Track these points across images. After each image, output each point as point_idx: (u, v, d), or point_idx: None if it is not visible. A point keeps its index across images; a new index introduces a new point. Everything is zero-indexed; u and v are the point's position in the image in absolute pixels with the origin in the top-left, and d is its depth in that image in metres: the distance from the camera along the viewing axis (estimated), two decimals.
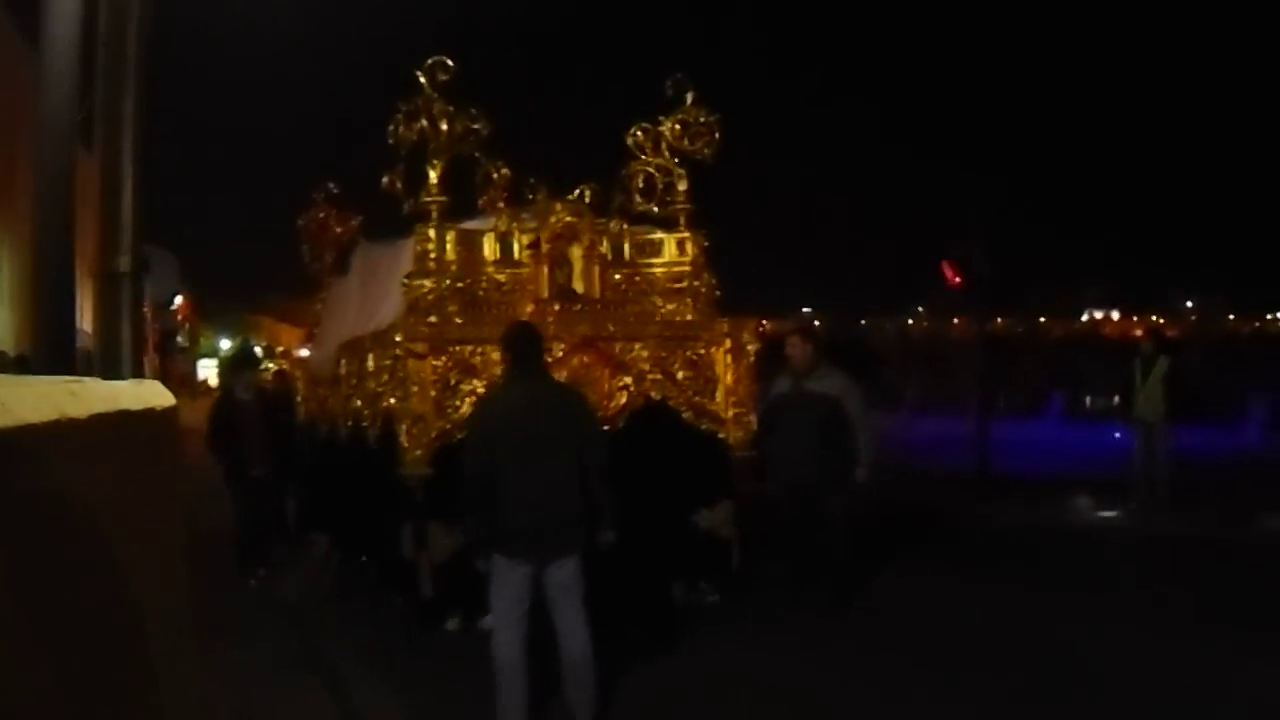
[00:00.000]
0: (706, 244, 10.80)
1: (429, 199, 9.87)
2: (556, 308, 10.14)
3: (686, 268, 10.73)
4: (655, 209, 10.78)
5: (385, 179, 10.03)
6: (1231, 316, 40.20)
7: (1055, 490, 16.59)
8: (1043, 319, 49.95)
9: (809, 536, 10.05)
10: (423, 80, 9.77)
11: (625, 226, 10.64)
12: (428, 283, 9.72)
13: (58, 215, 5.37)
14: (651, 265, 10.74)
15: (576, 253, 10.28)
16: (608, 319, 10.27)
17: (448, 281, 9.78)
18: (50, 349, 5.43)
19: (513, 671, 6.76)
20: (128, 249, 5.02)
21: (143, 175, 5.12)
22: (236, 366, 12.63)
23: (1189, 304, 52.30)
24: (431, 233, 9.83)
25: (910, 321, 48.09)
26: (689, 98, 10.75)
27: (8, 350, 19.33)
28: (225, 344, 64.40)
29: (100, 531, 1.81)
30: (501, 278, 10.11)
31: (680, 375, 10.43)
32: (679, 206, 10.80)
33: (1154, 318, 72.69)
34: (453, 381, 9.56)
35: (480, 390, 9.56)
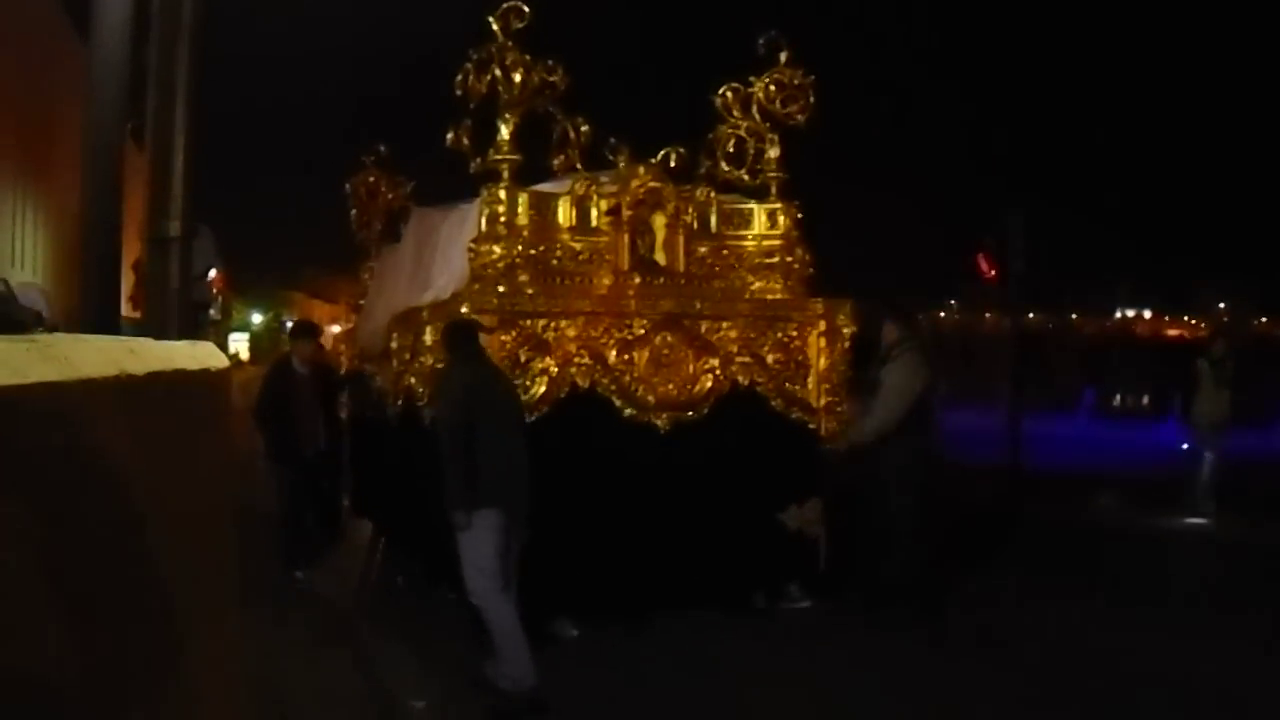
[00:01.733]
0: (800, 216, 9.54)
1: (500, 157, 8.65)
2: (637, 281, 8.92)
3: (778, 241, 9.50)
4: (745, 177, 9.54)
5: (450, 134, 8.79)
6: (1264, 319, 38.88)
7: (1091, 487, 15.50)
8: (1075, 316, 48.71)
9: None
10: (495, 27, 8.55)
11: (712, 194, 9.40)
12: (497, 249, 8.50)
13: (108, 183, 5.14)
14: (740, 238, 9.50)
15: (660, 221, 9.05)
16: (694, 295, 9.06)
17: (519, 248, 8.56)
18: (96, 316, 5.16)
19: (514, 627, 6.95)
20: (178, 214, 4.92)
21: (194, 144, 5.06)
22: (296, 335, 11.34)
23: (1220, 305, 50.95)
24: (503, 194, 8.60)
25: (942, 314, 46.82)
26: (783, 57, 9.50)
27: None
28: (257, 318, 63.45)
29: (155, 487, 1.81)
30: (577, 246, 8.89)
31: (770, 359, 9.21)
32: (770, 174, 9.57)
33: (1185, 317, 71.39)
34: (523, 359, 8.37)
35: (554, 370, 8.38)
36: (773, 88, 9.43)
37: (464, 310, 8.17)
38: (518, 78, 8.55)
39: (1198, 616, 9.10)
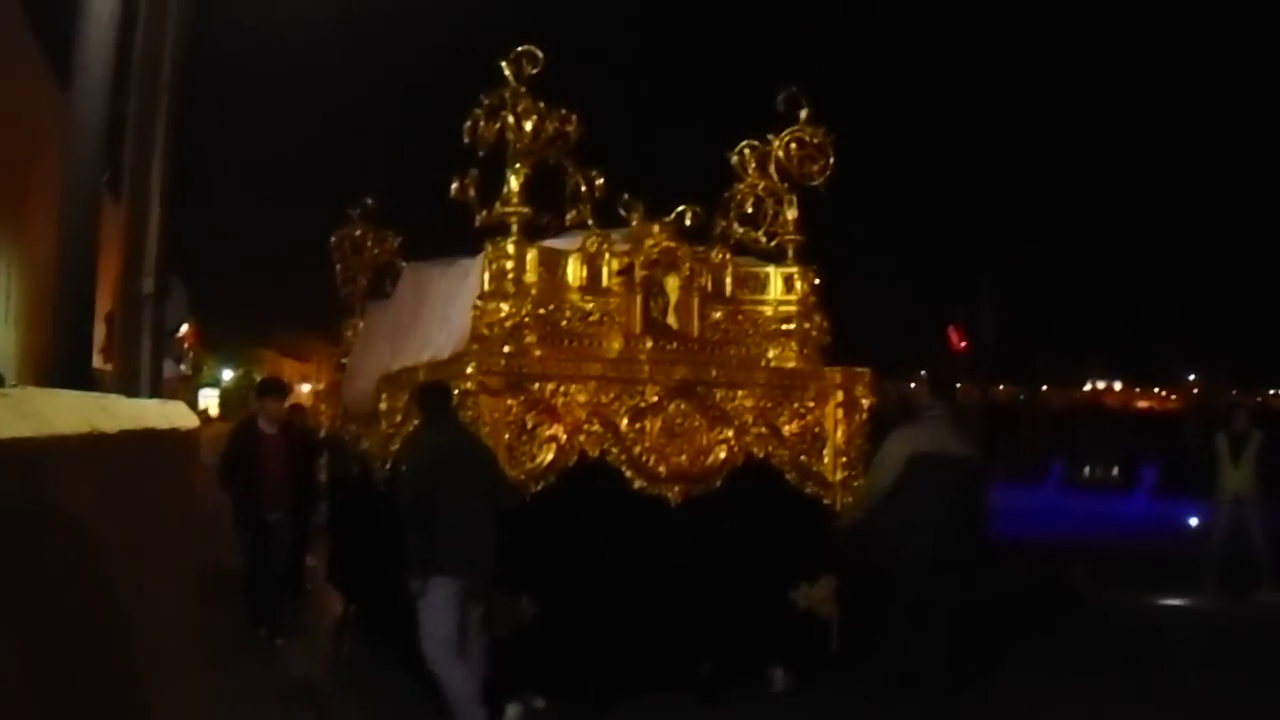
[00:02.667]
0: (817, 281, 8.98)
1: (508, 210, 8.06)
2: (649, 345, 8.31)
3: (794, 307, 8.92)
4: (762, 238, 8.97)
5: (455, 184, 8.20)
6: (1234, 391, 38.64)
7: (1062, 558, 14.57)
8: (1045, 387, 48.39)
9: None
10: (507, 72, 8.00)
11: (728, 256, 8.83)
12: (504, 307, 7.88)
13: (83, 238, 5.02)
14: (756, 303, 8.92)
15: (673, 283, 8.46)
16: (708, 362, 8.46)
17: (527, 307, 7.95)
18: (69, 369, 5.05)
19: (471, 697, 6.83)
20: (151, 271, 4.99)
21: (170, 199, 5.12)
22: (263, 393, 10.61)
23: (1191, 377, 50.87)
24: (511, 248, 8.00)
25: (913, 385, 46.53)
26: (803, 114, 8.97)
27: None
28: (228, 374, 62.46)
29: (122, 545, 1.81)
30: (588, 306, 8.28)
31: (786, 430, 8.60)
32: (788, 237, 9.01)
33: (1156, 389, 71.16)
34: (530, 425, 7.74)
35: (562, 437, 7.75)
36: (793, 145, 8.89)
37: (469, 371, 7.54)
38: (529, 126, 7.99)
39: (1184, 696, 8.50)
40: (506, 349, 7.77)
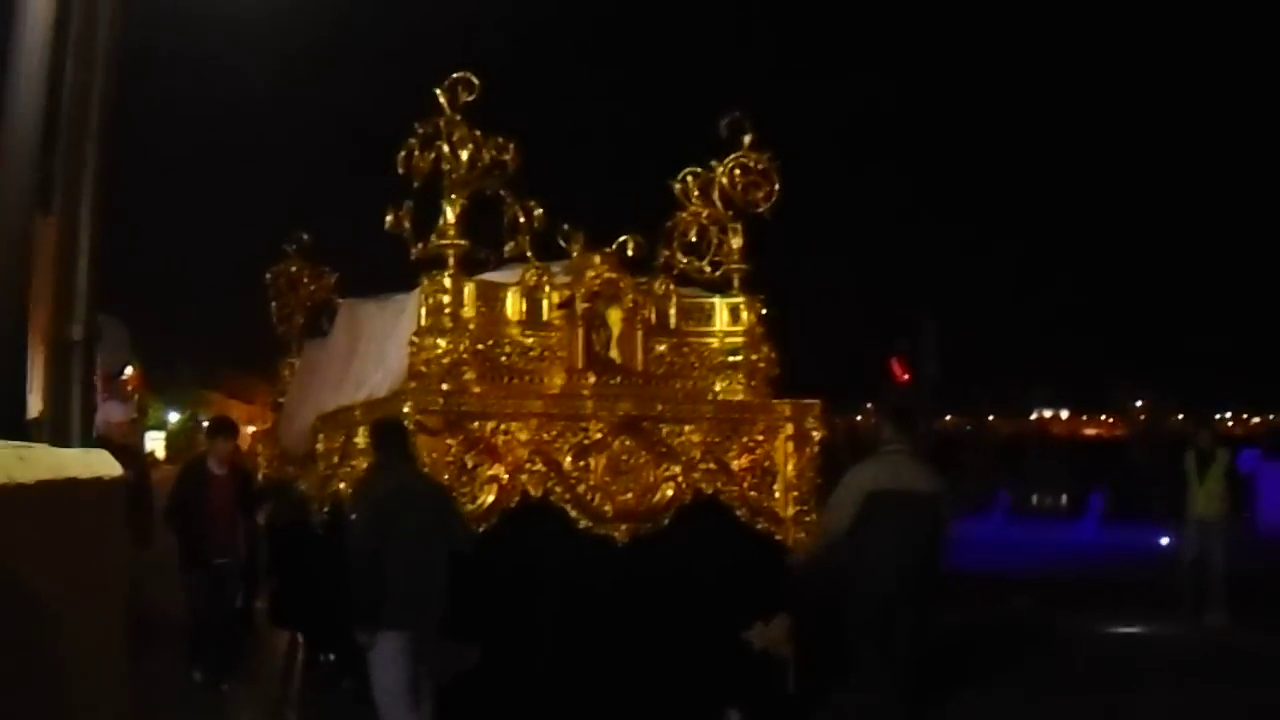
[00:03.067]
0: (764, 311, 8.71)
1: (445, 242, 7.76)
2: (592, 380, 8.01)
3: (741, 339, 8.63)
4: (707, 268, 8.70)
5: (390, 217, 7.88)
6: (1180, 416, 38.72)
7: (1010, 588, 14.00)
8: (991, 417, 48.43)
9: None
10: (442, 100, 7.70)
11: (671, 287, 8.54)
12: (441, 343, 7.55)
13: (13, 281, 4.83)
14: (702, 334, 8.63)
15: (616, 316, 8.17)
16: (653, 396, 8.16)
17: (465, 343, 7.62)
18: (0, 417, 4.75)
19: None
20: (81, 317, 4.76)
21: (100, 245, 4.89)
22: (214, 433, 10.16)
23: (1138, 403, 51.09)
24: (448, 282, 7.69)
25: (859, 418, 46.40)
26: (746, 140, 8.72)
27: None
28: (174, 416, 61.43)
29: (45, 594, 1.81)
30: (528, 341, 7.97)
31: (735, 466, 8.30)
32: (733, 266, 8.73)
33: (1103, 416, 71.35)
34: (470, 464, 7.42)
35: (503, 477, 7.43)
36: (737, 172, 8.63)
37: (405, 410, 7.21)
38: (465, 155, 7.69)
39: None
40: (444, 386, 7.45)
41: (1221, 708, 8.87)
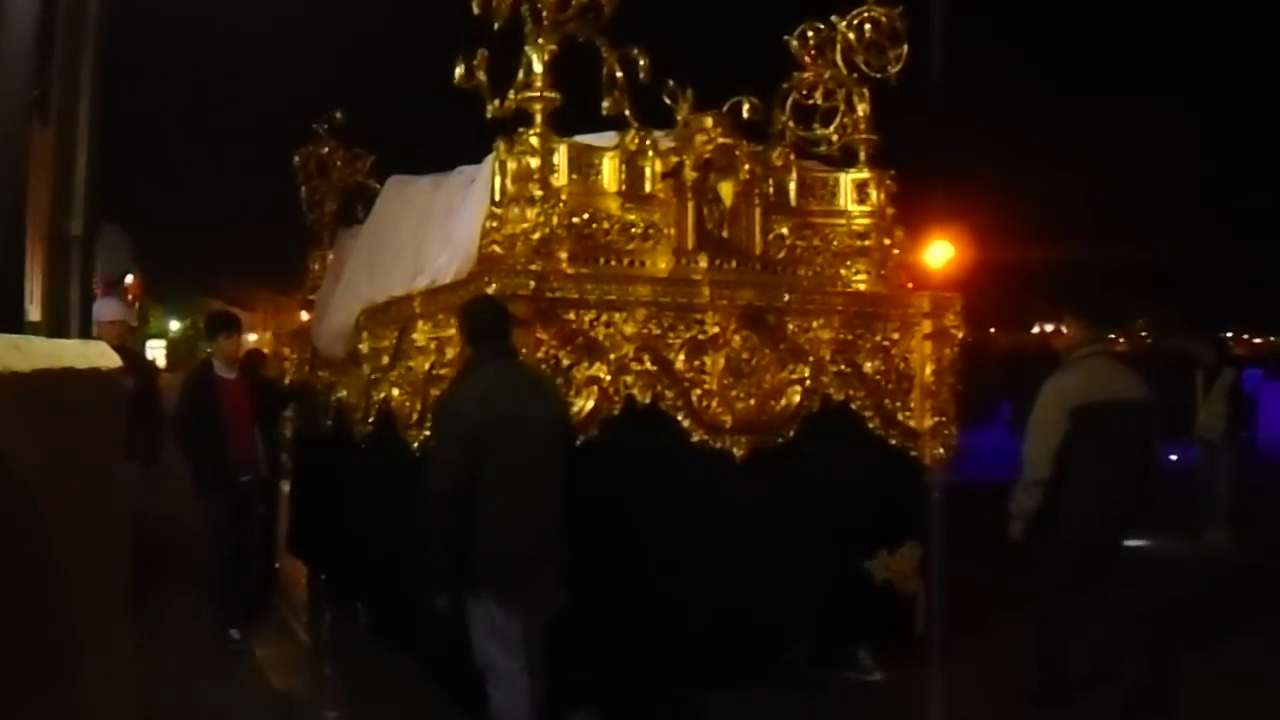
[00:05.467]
0: (895, 189, 7.18)
1: (532, 94, 6.17)
2: (704, 264, 6.48)
3: (869, 220, 7.10)
4: (834, 135, 7.15)
5: (460, 70, 6.27)
6: (1183, 335, 37.49)
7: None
8: (992, 329, 47.02)
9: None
10: None
11: (792, 158, 6.99)
12: (531, 214, 6.00)
13: (8, 178, 4.35)
14: (826, 214, 7.09)
15: (729, 189, 6.62)
16: (777, 284, 6.64)
17: (557, 217, 6.07)
18: None
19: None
20: (80, 213, 4.57)
21: (98, 141, 4.66)
22: (215, 329, 8.52)
23: (1140, 320, 49.74)
24: (535, 141, 6.12)
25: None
26: None
27: None
28: (175, 325, 59.93)
29: (38, 490, 1.74)
30: (630, 217, 6.41)
31: (868, 368, 6.81)
32: (859, 137, 7.18)
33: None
34: (565, 364, 5.90)
35: (605, 379, 5.93)
36: (869, 26, 7.05)
37: (491, 291, 5.67)
38: None
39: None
40: (534, 266, 5.91)
41: (1218, 619, 8.05)
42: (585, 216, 6.22)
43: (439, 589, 4.83)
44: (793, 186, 6.94)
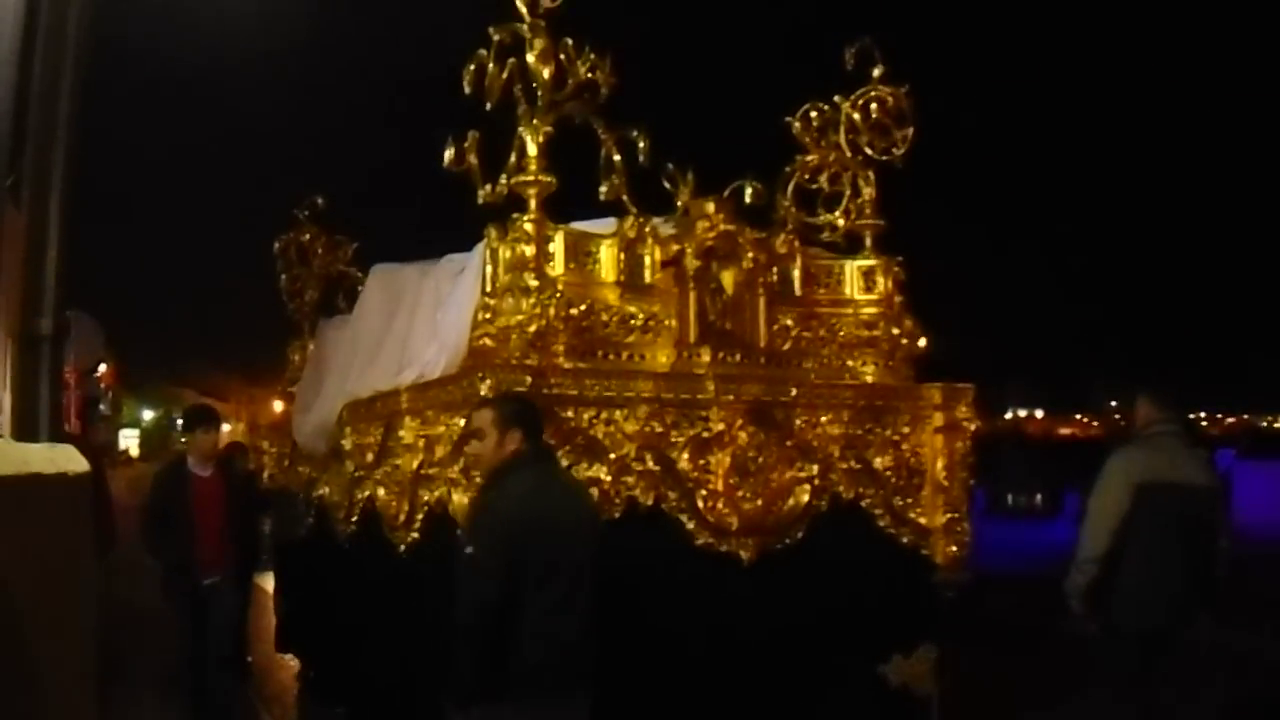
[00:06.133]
0: (903, 277, 6.87)
1: (526, 178, 5.84)
2: (706, 358, 6.12)
3: (876, 309, 6.77)
4: (840, 220, 6.84)
5: (450, 152, 5.94)
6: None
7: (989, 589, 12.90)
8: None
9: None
10: (520, 3, 5.78)
11: (796, 244, 6.67)
12: (525, 305, 5.64)
13: None
14: (832, 303, 6.76)
15: (731, 278, 6.29)
16: (783, 378, 6.27)
17: (553, 308, 5.70)
18: None
19: None
20: (49, 312, 4.47)
21: (68, 239, 4.66)
22: (192, 425, 8.14)
23: (1113, 403, 49.77)
24: (530, 228, 5.77)
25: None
26: (876, 72, 6.88)
27: None
28: (148, 414, 59.21)
29: (7, 595, 1.77)
30: (631, 308, 6.06)
31: (878, 464, 6.44)
32: (865, 222, 6.88)
33: (1077, 415, 69.66)
34: (563, 464, 5.48)
35: (605, 480, 5.54)
36: (874, 106, 6.78)
37: (483, 392, 5.29)
38: (548, 73, 5.79)
39: None
40: (530, 362, 5.54)
41: (1201, 703, 7.39)
42: (583, 308, 5.86)
43: (466, 705, 4.42)
44: (797, 275, 6.61)
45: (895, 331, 6.68)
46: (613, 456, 5.62)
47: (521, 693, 4.38)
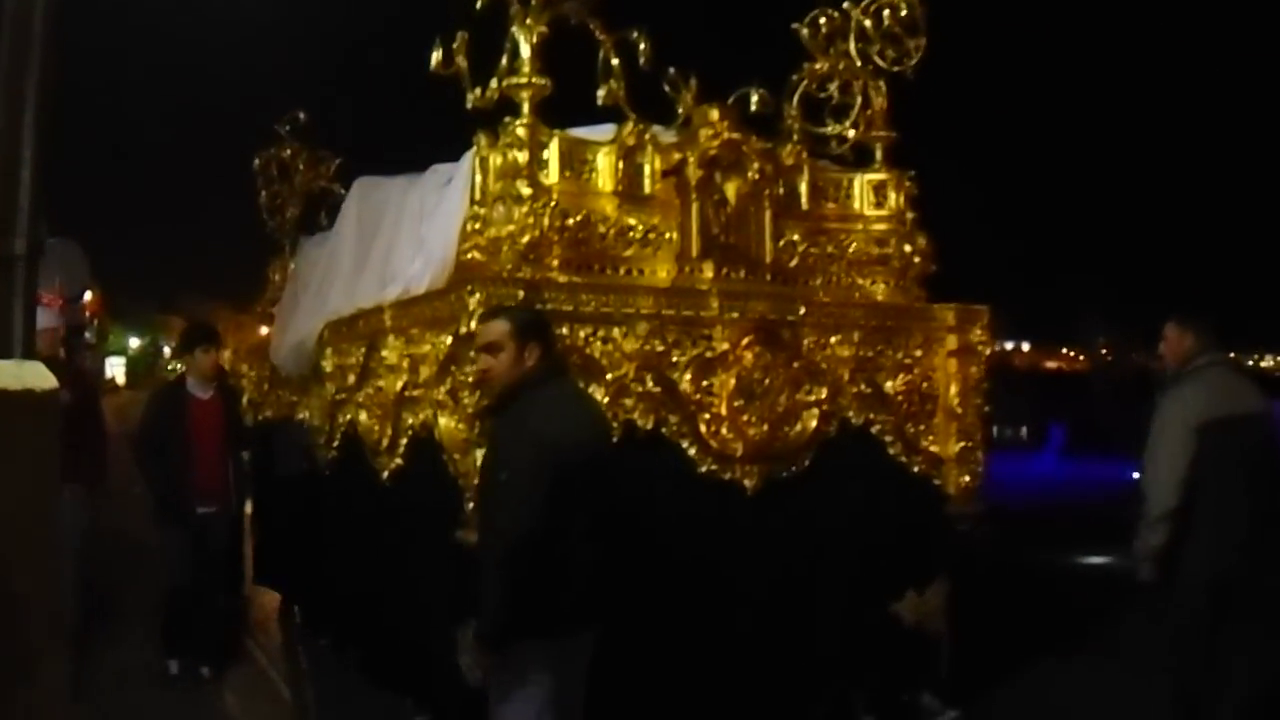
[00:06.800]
0: (914, 192, 6.43)
1: (519, 81, 5.38)
2: (709, 273, 5.70)
3: (887, 225, 6.35)
4: (850, 131, 6.39)
5: (437, 54, 5.47)
6: (1142, 353, 37.27)
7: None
8: None
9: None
10: None
11: (804, 155, 6.23)
12: (519, 213, 5.20)
13: None
14: (841, 218, 6.33)
15: (735, 190, 5.85)
16: (793, 296, 5.86)
17: (548, 218, 5.27)
18: None
19: None
20: (24, 231, 4.06)
21: (43, 157, 4.19)
22: (190, 343, 7.43)
23: (1101, 338, 49.52)
24: (523, 133, 5.32)
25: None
26: None
27: None
28: (134, 342, 58.63)
29: None
30: (630, 220, 5.63)
31: (889, 388, 6.05)
32: (875, 134, 6.43)
33: (1065, 350, 69.42)
34: None
35: (602, 402, 5.15)
36: (885, 13, 6.32)
37: (471, 307, 4.87)
38: None
39: None
40: (523, 275, 5.12)
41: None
42: (579, 219, 5.43)
43: (499, 646, 3.93)
44: (804, 188, 6.18)
45: (907, 249, 6.27)
46: (610, 377, 5.22)
47: (552, 627, 3.97)
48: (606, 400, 5.17)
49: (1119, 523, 11.37)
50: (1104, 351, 46.05)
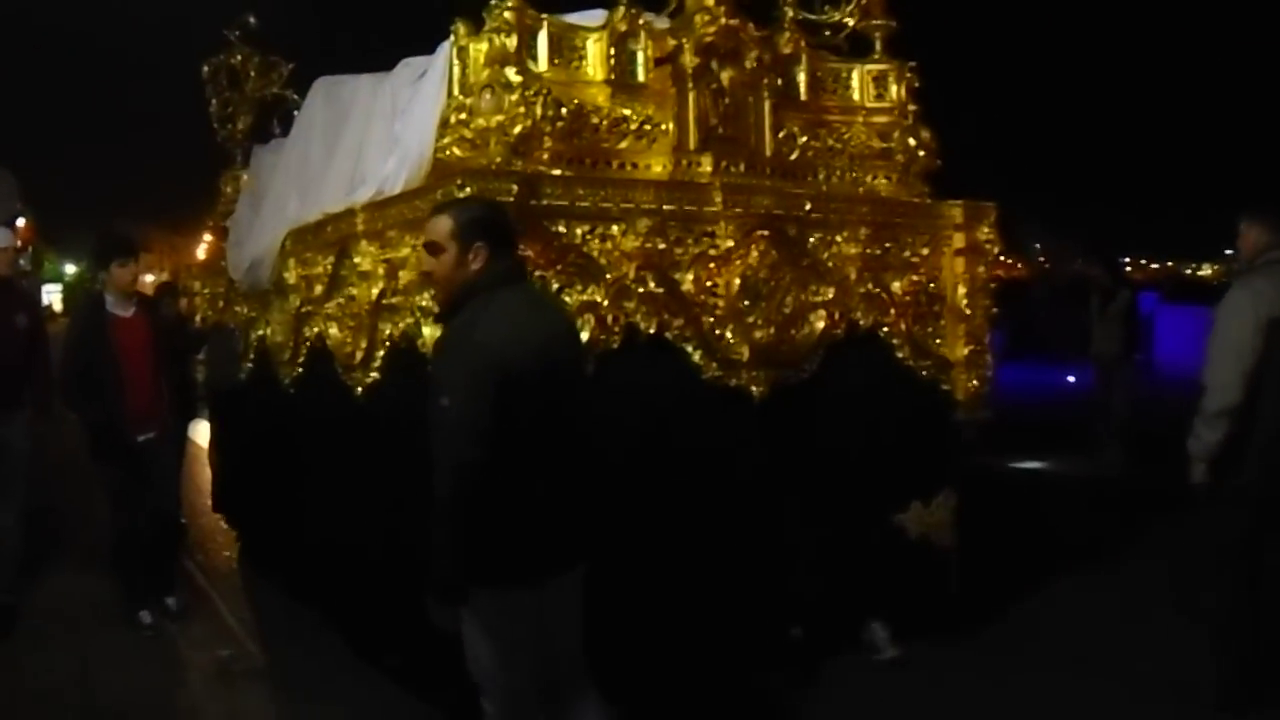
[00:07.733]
0: (917, 84, 6.02)
1: None
2: (708, 166, 5.27)
3: (889, 118, 5.94)
4: (849, 20, 5.95)
5: None
6: (1080, 260, 37.22)
7: None
8: None
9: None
10: None
11: (803, 44, 5.79)
12: (510, 101, 4.73)
13: None
14: (841, 110, 5.91)
15: (734, 79, 5.41)
16: (798, 190, 5.46)
17: (540, 108, 4.81)
18: None
19: None
20: None
21: None
22: (105, 255, 6.72)
23: (1038, 245, 49.45)
24: (511, 16, 4.84)
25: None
26: None
27: None
28: (71, 269, 57.16)
29: None
30: (624, 110, 5.17)
31: (897, 288, 5.68)
32: (875, 23, 6.00)
33: (1003, 258, 69.00)
34: (555, 286, 4.67)
35: (603, 305, 4.74)
36: None
37: (464, 194, 4.40)
38: None
39: None
40: (516, 168, 4.67)
41: (1113, 542, 7.77)
42: (570, 109, 4.96)
43: (450, 601, 3.41)
44: (803, 78, 5.76)
45: (911, 143, 5.88)
46: (610, 278, 4.80)
47: (517, 575, 3.43)
48: (607, 302, 4.76)
49: (1065, 427, 11.42)
50: (1042, 260, 46.09)
